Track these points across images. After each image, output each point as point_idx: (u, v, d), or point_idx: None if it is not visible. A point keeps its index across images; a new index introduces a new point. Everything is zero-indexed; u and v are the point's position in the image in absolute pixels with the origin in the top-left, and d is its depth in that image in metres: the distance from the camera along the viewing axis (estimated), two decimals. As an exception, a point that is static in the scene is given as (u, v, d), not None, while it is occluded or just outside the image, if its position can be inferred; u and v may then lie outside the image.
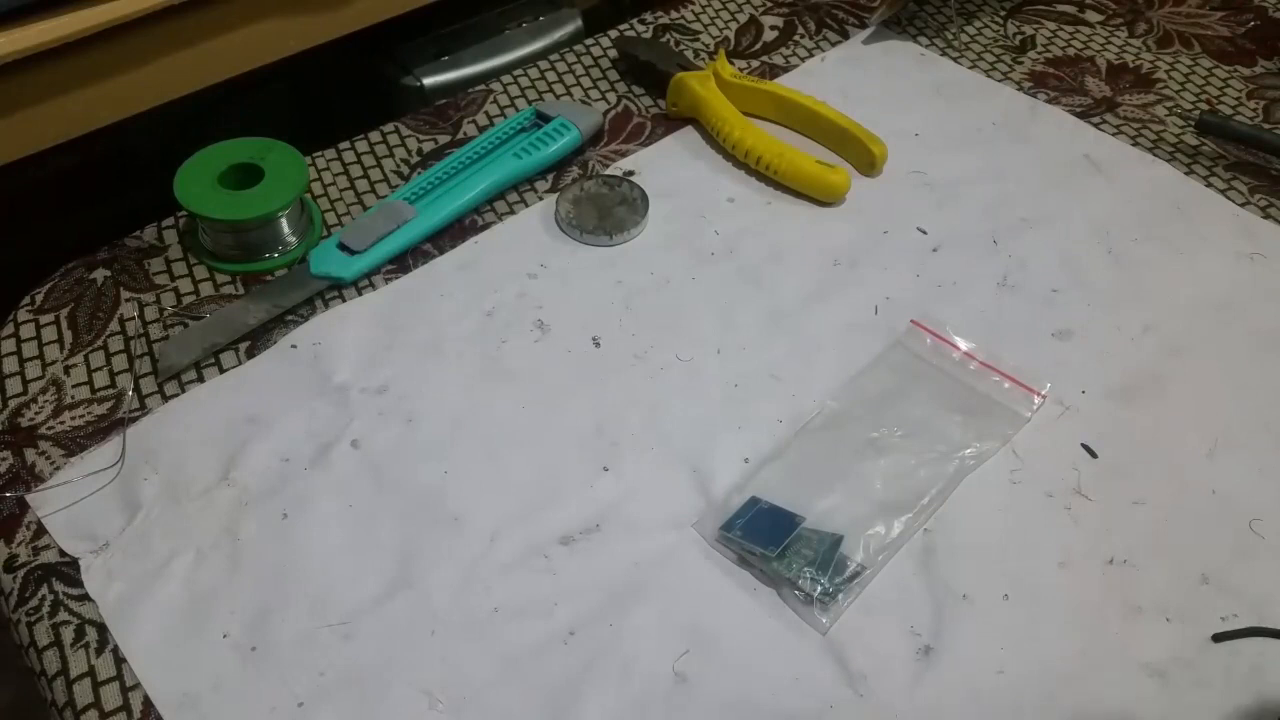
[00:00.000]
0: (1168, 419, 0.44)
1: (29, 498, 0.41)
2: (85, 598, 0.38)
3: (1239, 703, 0.35)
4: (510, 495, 0.41)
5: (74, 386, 0.45)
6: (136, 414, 0.44)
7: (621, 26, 0.66)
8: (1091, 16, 0.68)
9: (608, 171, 0.56)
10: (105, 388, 0.45)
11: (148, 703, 0.35)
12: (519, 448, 0.43)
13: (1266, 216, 0.53)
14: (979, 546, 0.40)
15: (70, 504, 0.41)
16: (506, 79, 0.62)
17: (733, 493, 0.41)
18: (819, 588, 0.37)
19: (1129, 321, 0.48)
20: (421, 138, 0.58)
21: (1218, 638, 0.37)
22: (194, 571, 0.39)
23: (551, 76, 0.62)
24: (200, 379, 0.46)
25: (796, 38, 0.65)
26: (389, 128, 0.59)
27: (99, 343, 0.47)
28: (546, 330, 0.47)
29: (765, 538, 0.39)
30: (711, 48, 0.65)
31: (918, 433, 0.43)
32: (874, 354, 0.46)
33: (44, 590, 0.39)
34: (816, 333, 0.47)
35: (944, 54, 0.64)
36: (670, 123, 0.59)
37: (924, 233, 0.52)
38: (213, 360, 0.46)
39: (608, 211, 0.52)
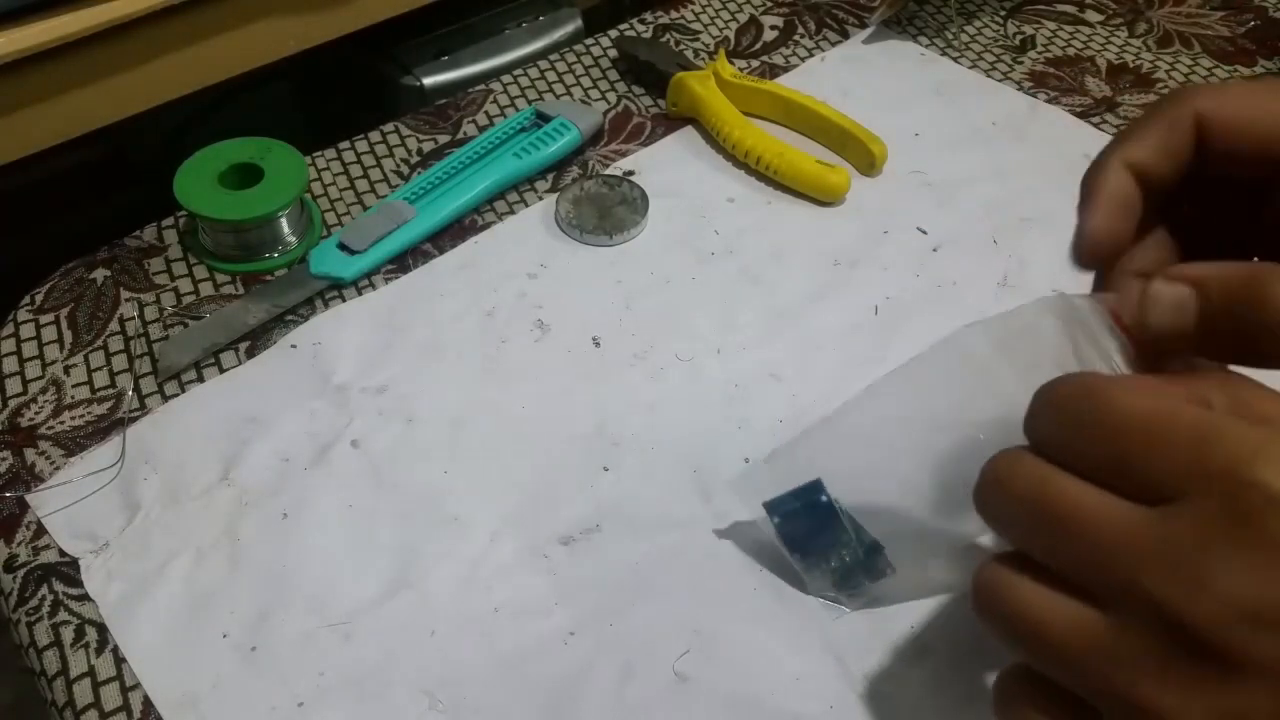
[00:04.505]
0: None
1: (29, 498, 0.41)
2: (85, 598, 0.38)
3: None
4: (510, 495, 0.41)
5: (74, 386, 0.45)
6: (136, 414, 0.44)
7: (621, 26, 0.66)
8: (1091, 16, 0.68)
9: (608, 171, 0.56)
10: (105, 388, 0.45)
11: (148, 703, 0.35)
12: (519, 448, 0.43)
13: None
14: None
15: (70, 504, 0.41)
16: (506, 79, 0.62)
17: (796, 452, 0.36)
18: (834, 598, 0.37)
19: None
20: (421, 138, 0.58)
21: None
22: (194, 571, 0.39)
23: (551, 76, 0.62)
24: (200, 379, 0.46)
25: (796, 38, 0.65)
26: (389, 128, 0.59)
27: (99, 343, 0.47)
28: (546, 330, 0.47)
29: (799, 540, 0.36)
30: (711, 48, 0.65)
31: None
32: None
33: (44, 590, 0.39)
34: (817, 333, 0.47)
35: (944, 54, 0.64)
36: (670, 123, 0.59)
37: (924, 233, 0.52)
38: (213, 360, 0.46)
39: (608, 211, 0.52)
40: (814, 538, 0.36)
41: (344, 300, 0.49)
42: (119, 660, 0.36)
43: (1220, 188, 0.29)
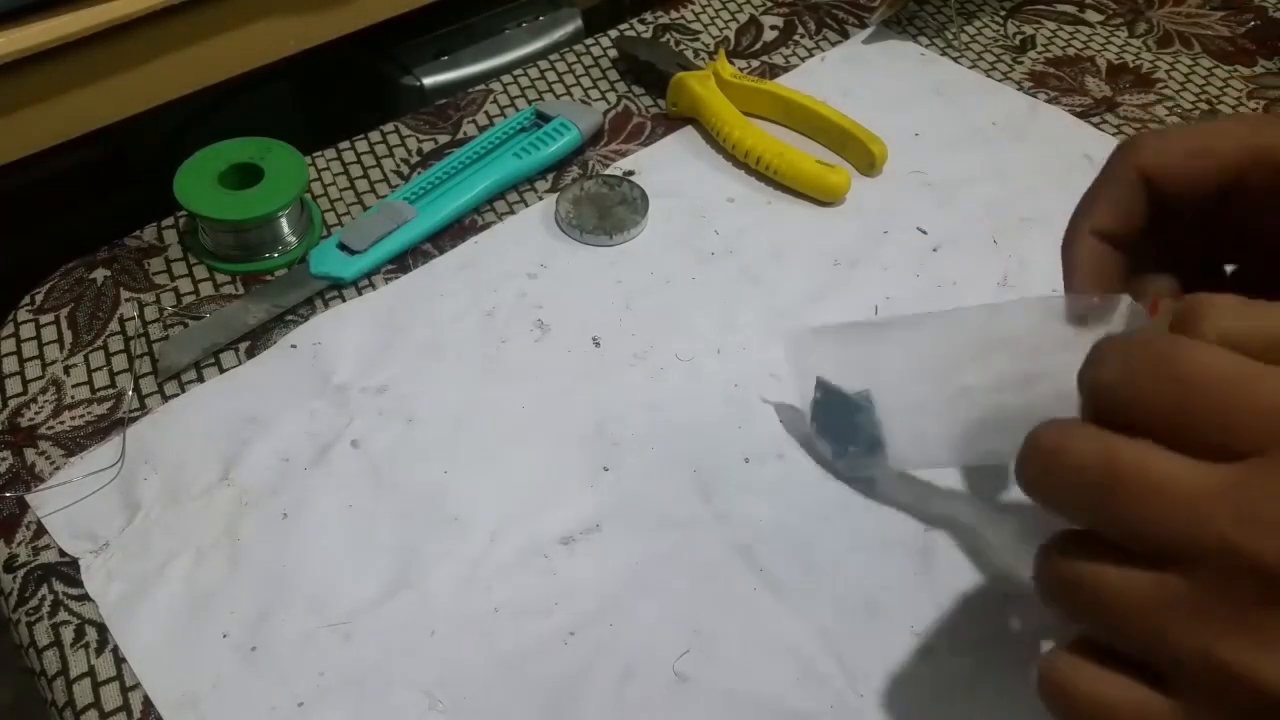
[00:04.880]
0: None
1: (29, 498, 0.41)
2: (85, 598, 0.38)
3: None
4: (510, 495, 0.41)
5: (74, 386, 0.45)
6: (136, 414, 0.44)
7: (621, 26, 0.66)
8: (1091, 16, 0.68)
9: (608, 171, 0.56)
10: (105, 388, 0.45)
11: (148, 703, 0.35)
12: (519, 448, 0.43)
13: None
14: (981, 546, 0.40)
15: (70, 504, 0.41)
16: (506, 79, 0.62)
17: (851, 334, 0.40)
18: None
19: (1129, 321, 0.48)
20: (421, 138, 0.58)
21: None
22: (194, 571, 0.39)
23: (551, 76, 0.62)
24: (200, 379, 0.46)
25: (796, 38, 0.65)
26: (389, 128, 0.59)
27: (99, 343, 0.47)
28: (546, 330, 0.47)
29: (823, 419, 0.41)
30: (711, 48, 0.65)
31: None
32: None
33: (44, 590, 0.39)
34: (816, 333, 0.47)
35: (944, 54, 0.64)
36: (670, 123, 0.59)
37: (924, 233, 0.52)
38: (213, 360, 0.46)
39: (608, 211, 0.52)
40: (834, 428, 0.41)
41: (344, 300, 0.49)
42: (119, 660, 0.36)
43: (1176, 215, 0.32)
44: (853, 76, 0.62)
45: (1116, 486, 0.23)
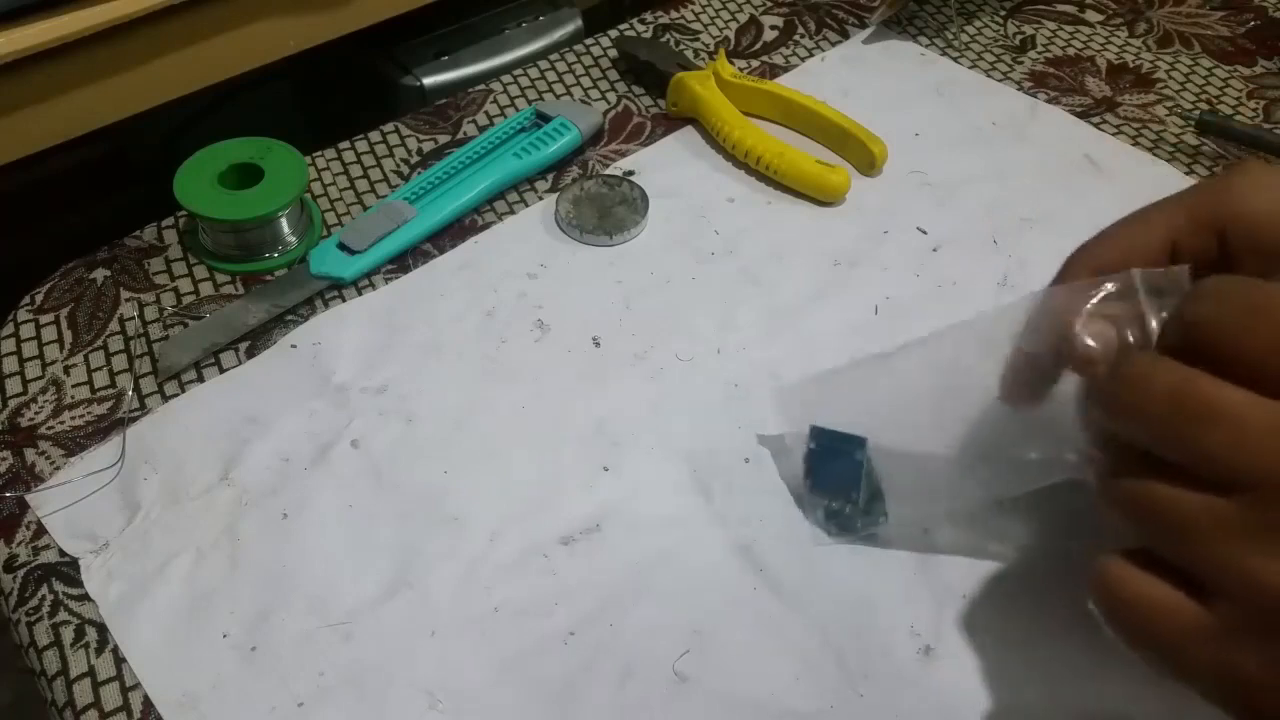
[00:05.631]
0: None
1: (29, 498, 0.41)
2: (85, 598, 0.38)
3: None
4: (510, 495, 0.41)
5: (74, 386, 0.45)
6: (136, 414, 0.44)
7: (621, 26, 0.66)
8: (1091, 16, 0.68)
9: (608, 171, 0.56)
10: (105, 388, 0.45)
11: (148, 703, 0.35)
12: (519, 448, 0.43)
13: (1266, 216, 0.53)
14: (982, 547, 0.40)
15: (70, 504, 0.41)
16: (506, 79, 0.62)
17: (843, 378, 0.40)
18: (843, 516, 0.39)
19: (1129, 321, 0.48)
20: (421, 138, 0.58)
21: None
22: (194, 571, 0.39)
23: (551, 76, 0.62)
24: (200, 379, 0.46)
25: (796, 38, 0.65)
26: (389, 128, 0.59)
27: (99, 343, 0.47)
28: (546, 330, 0.47)
29: (819, 471, 0.39)
30: (711, 48, 0.65)
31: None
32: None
33: (44, 590, 0.39)
34: (817, 333, 0.47)
35: (944, 54, 0.64)
36: (670, 123, 0.59)
37: (924, 233, 0.52)
38: (213, 360, 0.46)
39: (608, 211, 0.52)
40: (831, 477, 0.39)
41: (344, 300, 0.49)
42: (119, 660, 0.37)
43: None
44: (853, 76, 0.62)
45: (1190, 415, 0.25)
